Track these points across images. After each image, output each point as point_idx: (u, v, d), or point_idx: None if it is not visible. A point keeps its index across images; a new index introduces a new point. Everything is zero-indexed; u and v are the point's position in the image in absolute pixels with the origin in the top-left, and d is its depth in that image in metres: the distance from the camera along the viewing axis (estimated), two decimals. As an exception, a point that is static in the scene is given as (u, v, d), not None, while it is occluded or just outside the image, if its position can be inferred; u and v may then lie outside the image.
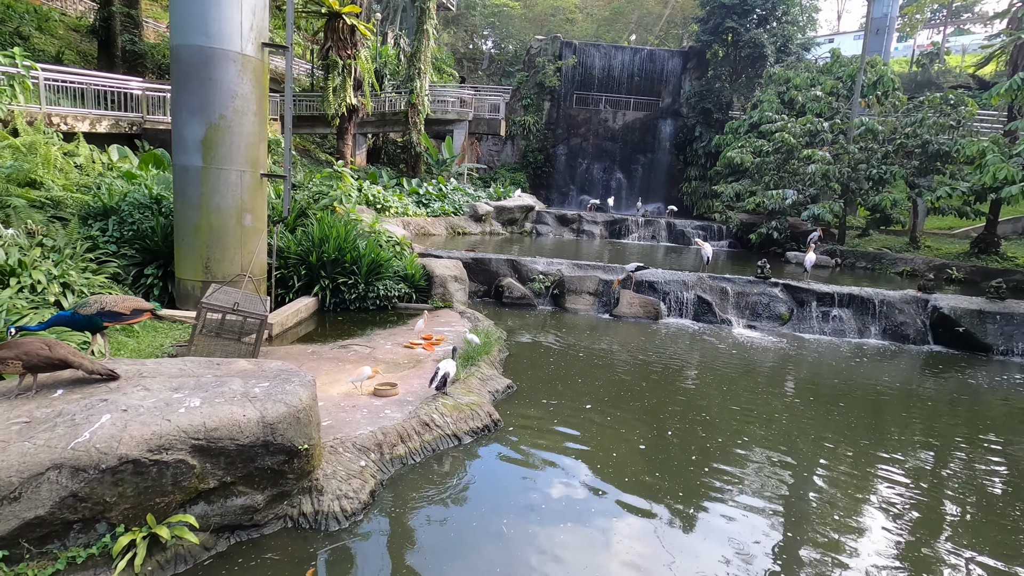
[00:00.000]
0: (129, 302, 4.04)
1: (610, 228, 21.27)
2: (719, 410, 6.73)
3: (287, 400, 3.70)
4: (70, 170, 10.15)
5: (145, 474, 3.14)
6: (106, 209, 8.78)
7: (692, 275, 11.78)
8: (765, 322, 11.21)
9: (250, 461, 3.51)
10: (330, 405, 5.39)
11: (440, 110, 23.50)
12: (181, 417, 3.33)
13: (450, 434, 5.23)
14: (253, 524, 3.67)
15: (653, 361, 8.52)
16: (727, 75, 27.42)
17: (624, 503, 4.56)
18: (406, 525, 4.02)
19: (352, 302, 9.52)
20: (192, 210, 7.98)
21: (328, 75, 14.19)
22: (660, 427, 6.09)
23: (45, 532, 2.96)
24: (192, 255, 8.06)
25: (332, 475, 4.08)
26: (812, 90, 19.99)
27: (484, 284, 12.12)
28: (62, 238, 7.53)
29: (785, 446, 5.82)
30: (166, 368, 4.09)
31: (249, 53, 7.98)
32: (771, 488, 4.98)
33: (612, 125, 29.90)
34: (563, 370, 7.77)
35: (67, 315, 3.87)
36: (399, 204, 17.09)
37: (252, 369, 4.27)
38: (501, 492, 4.58)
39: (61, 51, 18.59)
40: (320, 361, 6.81)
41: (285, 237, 9.80)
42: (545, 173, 29.72)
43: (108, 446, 3.05)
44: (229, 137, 7.94)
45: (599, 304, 11.65)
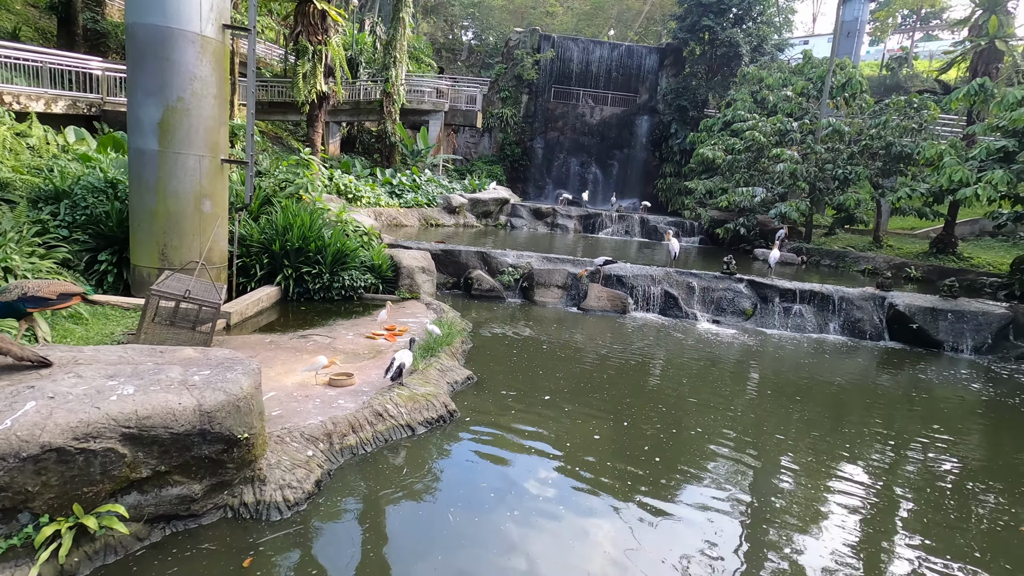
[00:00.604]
0: (55, 286, 3.90)
1: (584, 223, 21.36)
2: (678, 403, 6.83)
3: (227, 388, 3.63)
4: (21, 151, 9.78)
5: (71, 463, 3.05)
6: (58, 192, 8.49)
7: (660, 270, 11.90)
8: (729, 317, 11.39)
9: (186, 450, 3.44)
10: (282, 395, 5.31)
11: (416, 100, 23.25)
12: (112, 405, 3.24)
13: (404, 424, 5.20)
14: (191, 514, 3.60)
15: (617, 354, 8.60)
16: (703, 73, 27.68)
17: (574, 494, 4.60)
18: (350, 515, 3.99)
19: (316, 292, 9.39)
20: (148, 195, 7.76)
21: (298, 61, 13.90)
22: (617, 419, 6.15)
23: (-39, 522, 2.86)
24: (148, 241, 7.85)
25: (276, 465, 4.03)
26: (783, 90, 20.32)
27: (454, 276, 12.08)
28: (8, 221, 7.25)
29: (744, 439, 5.93)
30: (105, 355, 3.98)
31: (209, 35, 7.77)
32: (728, 482, 5.07)
33: (589, 120, 29.96)
34: (525, 362, 7.79)
35: (-14, 300, 3.73)
36: (371, 194, 16.89)
37: (197, 357, 4.18)
38: (451, 482, 4.58)
39: (18, 27, 17.85)
40: (277, 351, 6.70)
41: (248, 225, 9.61)
42: (522, 166, 29.68)
43: (30, 434, 2.95)
44: (187, 120, 7.73)
45: (568, 297, 11.70)
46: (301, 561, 3.51)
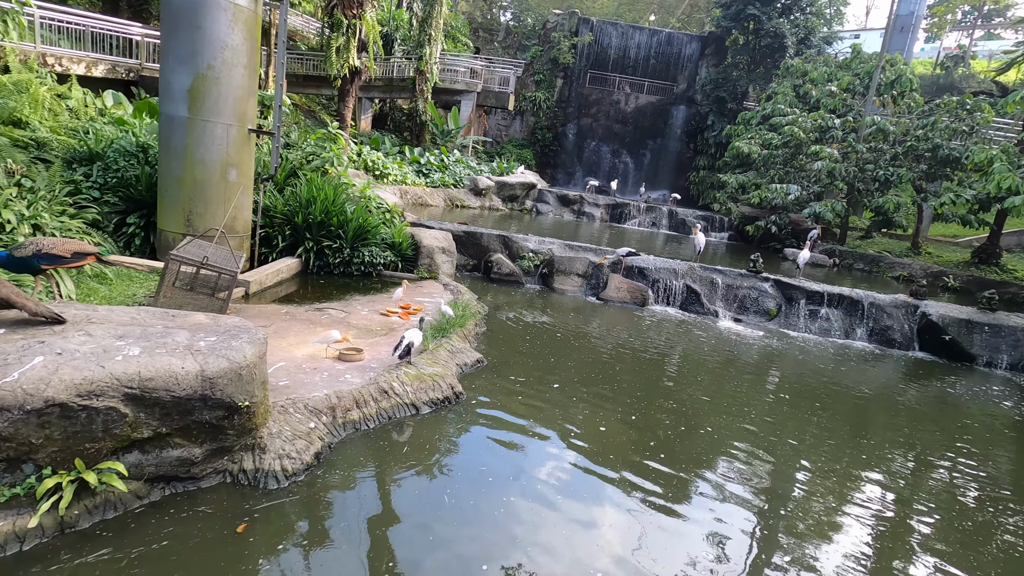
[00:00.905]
0: (70, 244, 3.97)
1: (611, 212, 21.05)
2: (691, 401, 6.69)
3: (230, 356, 3.66)
4: (60, 112, 10.02)
5: (74, 419, 3.12)
6: (92, 154, 8.67)
7: (683, 264, 11.65)
8: (752, 316, 11.11)
9: (187, 414, 3.48)
10: (292, 366, 5.36)
11: (449, 79, 23.09)
12: (116, 365, 3.29)
13: (408, 403, 5.20)
14: (190, 477, 3.67)
15: (632, 346, 8.46)
16: (745, 64, 26.79)
17: (574, 484, 4.54)
18: (347, 488, 4.01)
19: (336, 266, 9.46)
20: (176, 161, 7.87)
21: (332, 34, 13.88)
22: (626, 412, 6.05)
23: (-33, 468, 2.95)
24: (175, 207, 7.98)
25: (277, 434, 4.07)
26: (828, 85, 19.52)
27: (474, 258, 12.03)
28: (42, 180, 7.45)
29: (757, 443, 5.78)
30: (117, 316, 4.05)
31: (242, 3, 7.78)
32: (737, 484, 4.95)
33: (624, 107, 29.38)
34: (538, 348, 7.73)
35: (2, 255, 3.81)
36: (398, 172, 16.90)
37: (207, 323, 4.23)
38: (450, 464, 4.56)
39: (66, -9, 18.22)
40: (292, 322, 6.77)
41: (273, 196, 9.70)
42: (552, 152, 29.33)
43: (35, 388, 3.01)
44: (216, 88, 7.78)
45: (587, 286, 11.56)
46: (293, 531, 3.54)
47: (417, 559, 3.46)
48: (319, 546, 3.45)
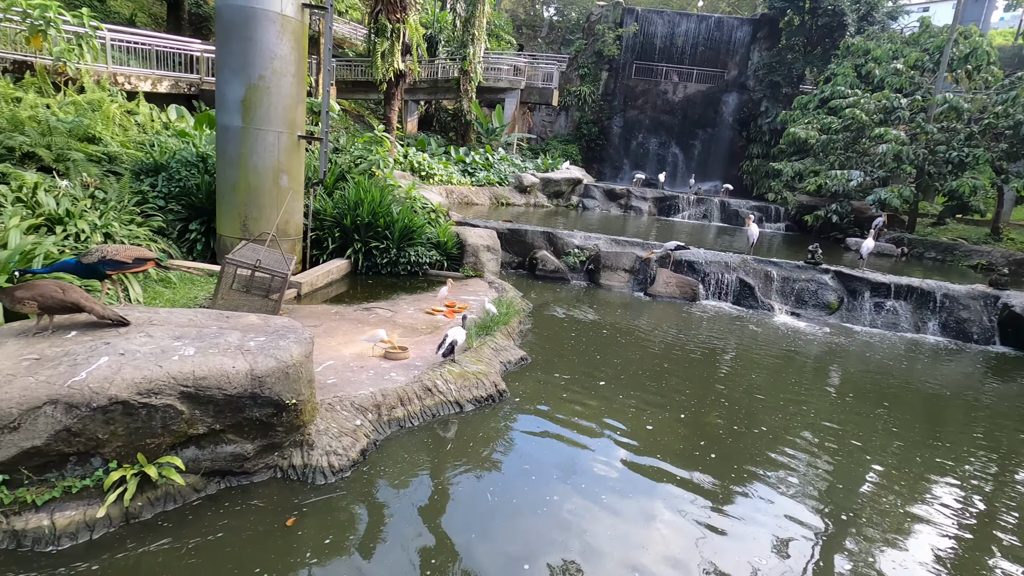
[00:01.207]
0: (131, 251, 4.21)
1: (659, 205, 20.57)
2: (745, 399, 6.42)
3: (278, 355, 3.78)
4: (130, 127, 10.68)
5: (135, 415, 3.30)
6: (157, 165, 9.20)
7: (735, 257, 11.23)
8: (811, 310, 10.58)
9: (238, 411, 3.62)
10: (339, 364, 5.50)
11: (493, 78, 23.17)
12: (173, 364, 3.46)
13: (452, 401, 5.23)
14: (243, 471, 3.81)
15: (682, 342, 8.22)
16: (800, 46, 25.54)
17: (619, 483, 4.44)
18: (391, 485, 4.07)
19: (384, 266, 9.66)
20: (232, 169, 8.22)
21: (377, 39, 14.18)
22: (674, 410, 5.88)
23: (43, 462, 3.17)
24: (231, 213, 8.35)
25: (324, 431, 4.17)
26: (893, 63, 18.33)
27: (519, 255, 12.02)
28: (113, 191, 7.96)
29: (817, 443, 5.49)
30: (176, 318, 4.26)
31: (289, 14, 8.03)
32: (796, 487, 4.72)
33: (672, 97, 28.62)
34: (583, 345, 7.63)
35: (71, 262, 4.08)
36: (444, 172, 17.10)
37: (258, 324, 4.39)
38: (493, 462, 4.56)
39: (134, 14, 19.46)
40: (341, 321, 6.96)
41: (323, 199, 9.99)
42: (599, 146, 28.93)
43: (100, 386, 3.20)
44: (267, 98, 8.08)
45: (634, 282, 11.32)
46: (340, 525, 3.62)
47: (460, 556, 3.46)
48: (364, 541, 3.52)
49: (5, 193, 6.44)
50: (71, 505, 3.21)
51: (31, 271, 3.96)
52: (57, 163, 8.09)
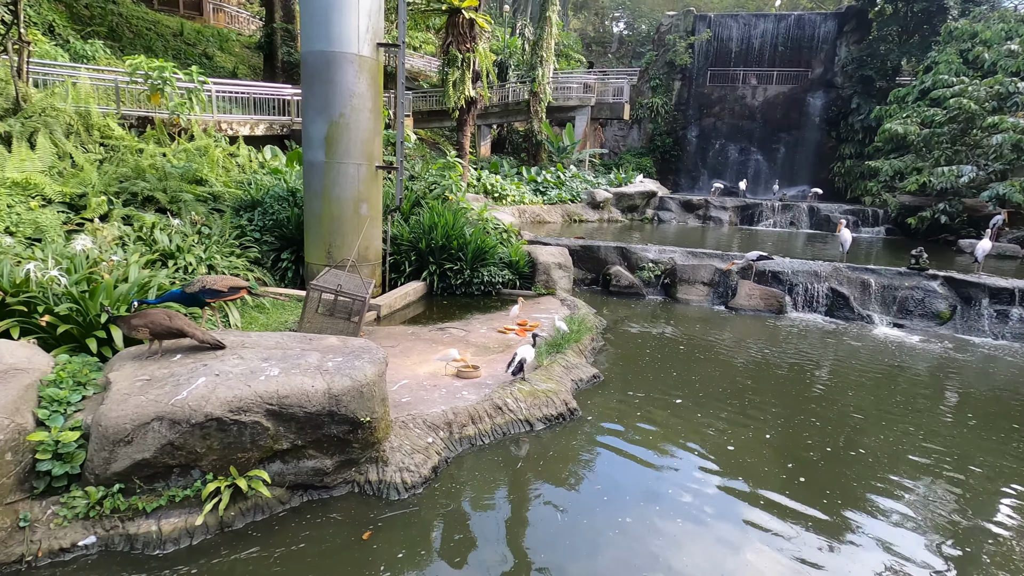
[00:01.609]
0: (227, 281, 4.63)
1: (741, 214, 19.68)
2: (840, 418, 5.94)
3: (353, 375, 3.98)
4: (231, 168, 11.78)
5: (227, 431, 3.59)
6: (253, 201, 10.06)
7: (826, 265, 10.48)
8: (917, 320, 9.63)
9: (317, 428, 3.85)
10: (414, 383, 5.69)
11: (562, 97, 23.38)
12: (260, 384, 3.74)
13: (522, 419, 5.25)
14: (323, 485, 4.03)
15: (766, 358, 7.76)
16: (895, 35, 23.73)
17: (693, 507, 4.24)
18: (462, 502, 4.13)
19: (458, 287, 9.92)
20: (317, 201, 8.83)
21: (448, 69, 14.79)
22: (758, 430, 5.54)
23: (151, 472, 3.53)
24: (317, 241, 8.94)
25: (398, 448, 4.32)
26: (1006, 44, 16.55)
27: (592, 272, 11.92)
28: (216, 227, 8.79)
29: (928, 466, 4.97)
30: (265, 341, 4.61)
31: (365, 54, 8.58)
32: (895, 513, 4.29)
33: (751, 102, 27.46)
34: (659, 362, 7.39)
35: (177, 292, 4.56)
36: (516, 192, 17.38)
37: (337, 345, 4.65)
38: (563, 482, 4.50)
39: (236, 66, 21.57)
40: (416, 342, 7.20)
41: (400, 225, 10.47)
42: (674, 157, 28.22)
43: (198, 404, 3.53)
44: (347, 133, 8.64)
45: (714, 295, 10.86)
46: (412, 541, 3.72)
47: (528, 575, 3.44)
48: (435, 557, 3.58)
49: (128, 233, 7.31)
50: (175, 513, 3.54)
51: (145, 301, 4.46)
52: (171, 204, 9.08)
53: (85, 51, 14.24)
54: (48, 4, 15.37)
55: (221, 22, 25.39)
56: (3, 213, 6.82)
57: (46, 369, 3.87)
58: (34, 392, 3.61)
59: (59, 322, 4.40)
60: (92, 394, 3.85)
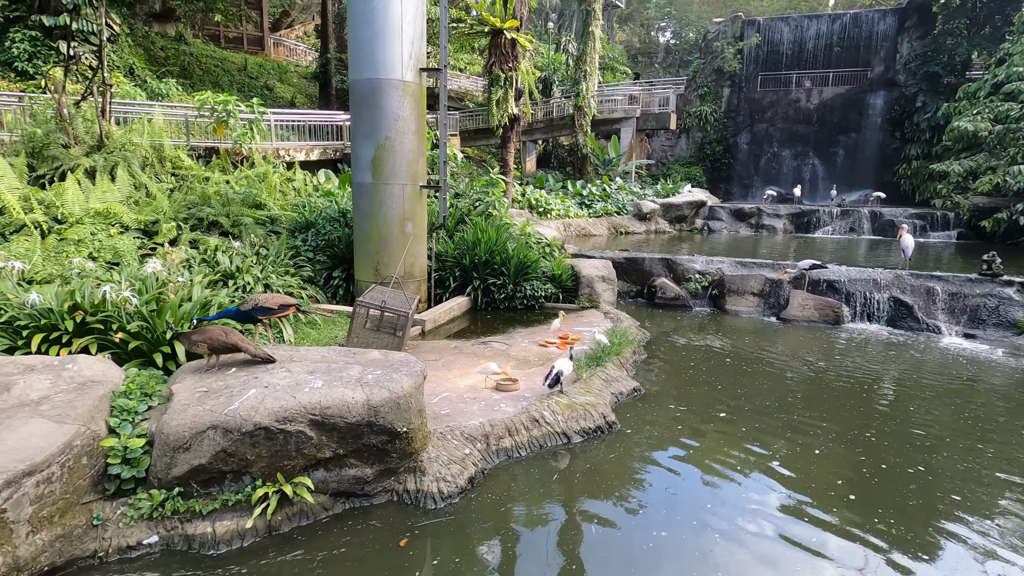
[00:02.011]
0: (278, 299, 4.93)
1: (796, 221, 18.97)
2: (897, 433, 5.63)
3: (391, 387, 4.15)
4: (288, 192, 12.48)
5: (274, 439, 3.82)
6: (308, 223, 10.61)
7: (887, 273, 9.96)
8: (991, 330, 8.98)
9: (358, 438, 4.03)
10: (454, 396, 5.83)
11: (607, 110, 23.37)
12: (304, 395, 3.97)
13: (559, 432, 5.28)
14: (364, 493, 4.20)
15: (818, 370, 7.45)
16: (963, 28, 22.42)
17: (733, 527, 4.13)
18: (497, 513, 4.20)
19: (501, 301, 10.06)
20: (365, 221, 9.23)
21: (492, 88, 15.14)
22: (807, 446, 5.34)
23: (207, 477, 3.80)
24: (365, 259, 9.32)
25: (435, 459, 4.45)
26: (1089, 30, 15.34)
27: (637, 284, 11.80)
28: (273, 248, 9.33)
29: (999, 486, 4.65)
30: (312, 355, 4.87)
31: (408, 79, 8.95)
32: (958, 537, 4.05)
33: (805, 105, 26.53)
34: (703, 375, 7.24)
35: (232, 310, 4.90)
36: (561, 206, 17.46)
37: (379, 359, 4.86)
38: (598, 494, 4.49)
39: (294, 96, 22.85)
40: (459, 355, 7.37)
41: (445, 242, 10.75)
42: (724, 165, 27.57)
43: (248, 414, 3.78)
44: (393, 156, 9.00)
45: (765, 306, 10.52)
46: (447, 548, 3.82)
47: (559, 588, 3.47)
48: (468, 565, 3.67)
49: (194, 256, 7.88)
50: (227, 516, 3.79)
51: (204, 319, 4.82)
52: (233, 228, 9.71)
53: (160, 89, 15.51)
54: (129, 48, 16.86)
55: (281, 55, 27.01)
56: (87, 240, 7.53)
57: (118, 381, 4.25)
58: (107, 402, 3.98)
59: (130, 338, 4.82)
60: (157, 404, 4.20)
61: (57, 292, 5.16)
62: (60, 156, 9.30)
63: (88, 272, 6.41)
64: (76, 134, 10.08)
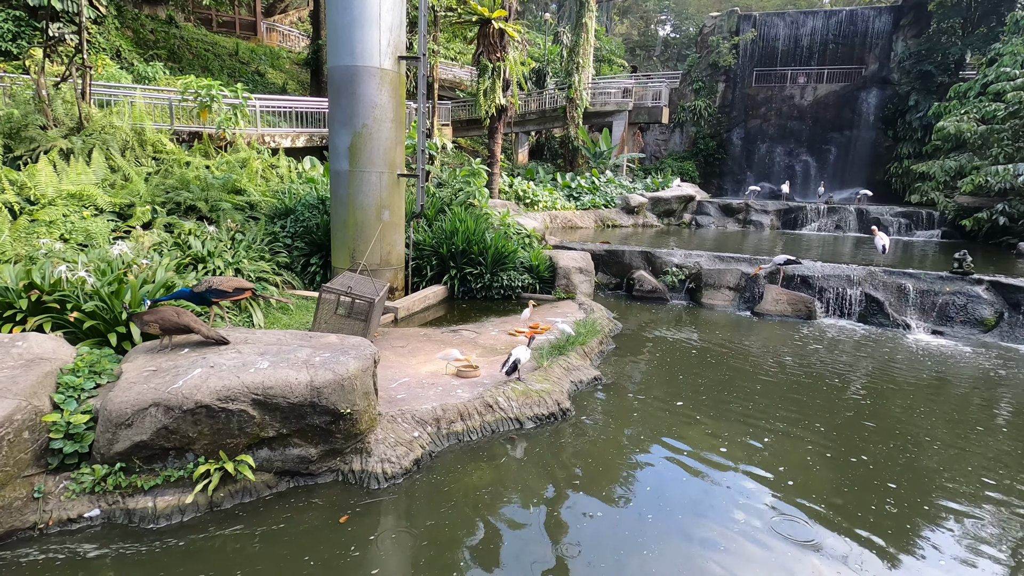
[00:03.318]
0: (233, 282, 4.99)
1: (783, 218, 19.03)
2: (853, 426, 5.72)
3: (336, 369, 4.22)
4: (271, 178, 12.48)
5: (216, 418, 3.90)
6: (287, 209, 10.64)
7: (860, 269, 10.04)
8: (959, 327, 9.08)
9: (301, 418, 4.10)
10: (413, 381, 5.90)
11: (600, 102, 23.33)
12: (248, 375, 4.04)
13: (512, 418, 5.36)
14: (309, 473, 4.28)
15: (783, 362, 7.54)
16: (957, 28, 22.38)
17: (670, 513, 4.22)
18: (438, 493, 4.29)
19: (478, 291, 10.12)
20: (342, 208, 9.25)
21: (480, 79, 15.12)
22: (757, 434, 5.43)
23: (150, 454, 3.87)
24: (342, 247, 9.36)
25: (382, 440, 4.53)
26: (1078, 32, 15.34)
27: (616, 276, 11.88)
28: (251, 233, 9.37)
29: (958, 489, 4.75)
30: (267, 338, 4.94)
31: (386, 67, 8.95)
32: (932, 538, 4.15)
33: (799, 102, 26.53)
34: (667, 366, 7.33)
35: (186, 291, 4.95)
36: (549, 198, 17.48)
37: (333, 343, 4.92)
38: (539, 477, 4.58)
39: (286, 82, 22.76)
40: (426, 342, 7.44)
41: (424, 231, 10.79)
42: (717, 160, 27.60)
43: (190, 393, 3.85)
44: (370, 143, 9.02)
45: (740, 300, 10.60)
46: (384, 525, 3.91)
47: (490, 562, 3.55)
48: (404, 540, 3.76)
49: (166, 239, 7.93)
50: (169, 492, 3.87)
51: (157, 300, 4.88)
52: (211, 213, 9.74)
53: (147, 73, 15.45)
54: (116, 30, 16.78)
55: (274, 41, 26.86)
56: (59, 222, 7.57)
57: (67, 359, 4.32)
58: (53, 379, 4.05)
59: (85, 318, 4.88)
60: (106, 382, 4.26)
61: (14, 271, 5.21)
62: (37, 137, 9.30)
63: (55, 253, 6.46)
64: (55, 116, 10.08)
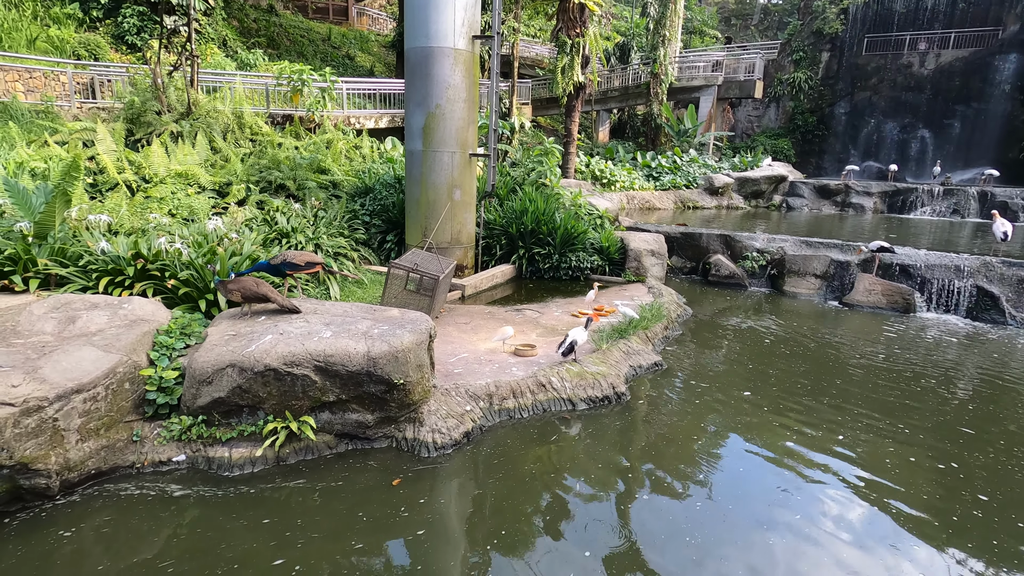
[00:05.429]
0: (305, 256, 5.33)
1: (889, 200, 17.35)
2: (941, 428, 5.22)
3: (391, 342, 4.43)
4: (355, 158, 13.10)
5: (282, 381, 4.23)
6: (367, 188, 11.14)
7: (973, 259, 8.99)
8: (1093, 329, 7.92)
9: (358, 385, 4.35)
10: (471, 358, 6.06)
11: (687, 77, 22.24)
12: (312, 343, 4.33)
13: (565, 398, 5.37)
14: (365, 437, 4.55)
15: (870, 359, 6.96)
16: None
17: (720, 508, 4.08)
18: (485, 467, 4.41)
19: (546, 271, 10.13)
20: (416, 187, 9.56)
21: (558, 56, 14.89)
22: (830, 432, 5.09)
23: (227, 409, 4.28)
24: (415, 224, 9.69)
25: (435, 412, 4.71)
26: None
27: (692, 260, 11.43)
28: (332, 211, 9.93)
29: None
30: (334, 309, 5.26)
31: (460, 47, 9.05)
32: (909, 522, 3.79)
33: (918, 71, 23.80)
34: (735, 355, 7.00)
35: (264, 263, 5.35)
36: (627, 178, 17.04)
37: (394, 316, 5.15)
38: (588, 459, 4.57)
39: (373, 65, 23.61)
40: (489, 320, 7.58)
41: (494, 210, 10.91)
42: (817, 137, 25.50)
43: (260, 357, 4.20)
44: (443, 123, 9.20)
45: (827, 289, 9.86)
46: (434, 490, 4.10)
47: (526, 541, 3.63)
48: (450, 506, 3.92)
49: (257, 215, 8.58)
50: (242, 444, 4.27)
51: (242, 272, 5.32)
52: (298, 191, 10.41)
53: (248, 60, 16.62)
54: (223, 22, 18.13)
55: (364, 25, 27.86)
56: (168, 198, 8.41)
57: (164, 321, 4.84)
58: (150, 338, 4.56)
59: (181, 285, 5.43)
60: (194, 343, 4.74)
61: (125, 241, 5.89)
62: (153, 122, 10.34)
63: (163, 227, 7.20)
64: (169, 102, 11.13)
